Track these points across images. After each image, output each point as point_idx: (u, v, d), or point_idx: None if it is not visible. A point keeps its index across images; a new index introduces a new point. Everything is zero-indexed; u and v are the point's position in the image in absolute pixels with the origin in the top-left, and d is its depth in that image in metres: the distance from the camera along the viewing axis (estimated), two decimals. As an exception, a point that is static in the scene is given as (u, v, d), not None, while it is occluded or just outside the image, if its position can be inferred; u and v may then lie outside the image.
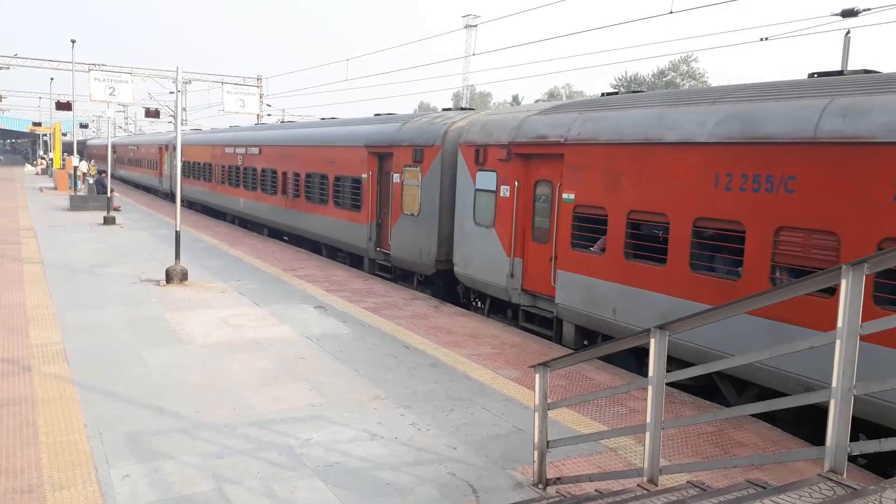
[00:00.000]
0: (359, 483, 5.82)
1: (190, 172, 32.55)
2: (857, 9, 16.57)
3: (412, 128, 14.74)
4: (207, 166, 29.92)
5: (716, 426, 7.33)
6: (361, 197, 16.52)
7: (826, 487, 3.49)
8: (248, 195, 24.69)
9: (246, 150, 24.77)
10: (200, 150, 31.26)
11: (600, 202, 9.73)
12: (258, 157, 23.58)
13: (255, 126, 28.70)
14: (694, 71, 79.52)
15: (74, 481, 5.65)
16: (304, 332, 10.71)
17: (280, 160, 21.71)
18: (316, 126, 21.00)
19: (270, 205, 22.58)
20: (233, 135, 27.91)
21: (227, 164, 26.98)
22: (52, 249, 17.93)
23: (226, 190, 27.38)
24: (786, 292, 3.95)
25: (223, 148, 27.67)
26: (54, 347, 9.40)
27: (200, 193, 31.32)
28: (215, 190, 28.83)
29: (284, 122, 25.69)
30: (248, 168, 24.54)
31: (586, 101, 11.26)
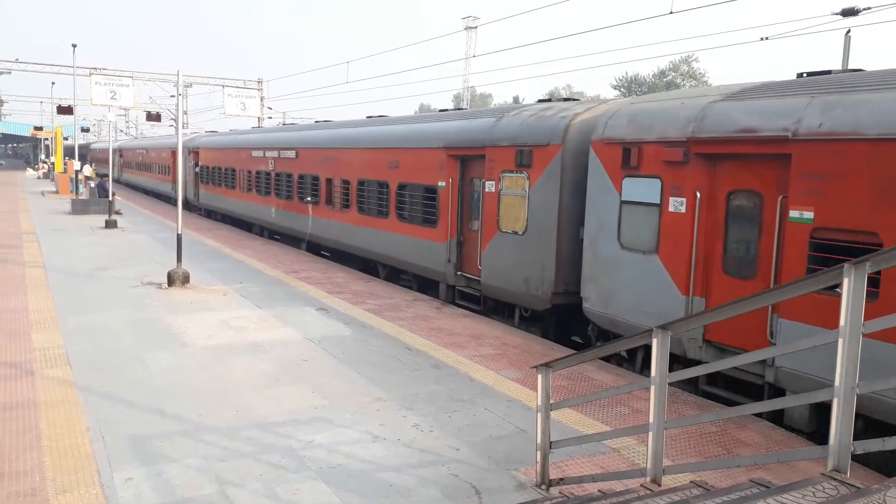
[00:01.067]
0: (361, 485, 5.81)
1: (209, 178, 29.36)
2: (857, 8, 16.57)
3: (513, 123, 11.75)
4: (230, 172, 26.56)
5: (719, 426, 7.32)
6: (437, 209, 13.50)
7: (830, 486, 3.48)
8: (283, 204, 21.64)
9: (279, 154, 21.77)
10: (222, 153, 27.99)
11: (867, 224, 6.78)
12: (294, 161, 20.70)
13: (288, 126, 25.28)
14: (695, 71, 79.54)
15: (77, 485, 5.65)
16: (306, 334, 10.71)
17: (323, 165, 18.76)
18: (370, 125, 17.63)
19: (311, 216, 19.47)
20: (261, 136, 24.74)
21: (254, 170, 23.88)
22: (53, 253, 17.95)
23: (253, 198, 24.14)
24: (790, 291, 3.94)
25: (250, 151, 24.42)
26: (56, 351, 9.40)
27: (222, 202, 27.98)
28: (241, 198, 25.49)
29: (324, 122, 21.86)
30: (281, 174, 21.63)
31: (814, 81, 8.05)
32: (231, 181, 26.58)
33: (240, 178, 25.61)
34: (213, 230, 25.22)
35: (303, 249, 20.57)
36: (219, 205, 28.59)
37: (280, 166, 21.78)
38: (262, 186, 23.39)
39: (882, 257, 3.46)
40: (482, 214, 12.33)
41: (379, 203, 15.90)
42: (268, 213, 22.97)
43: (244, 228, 25.91)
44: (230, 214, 27.28)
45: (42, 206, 32.56)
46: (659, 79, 79.26)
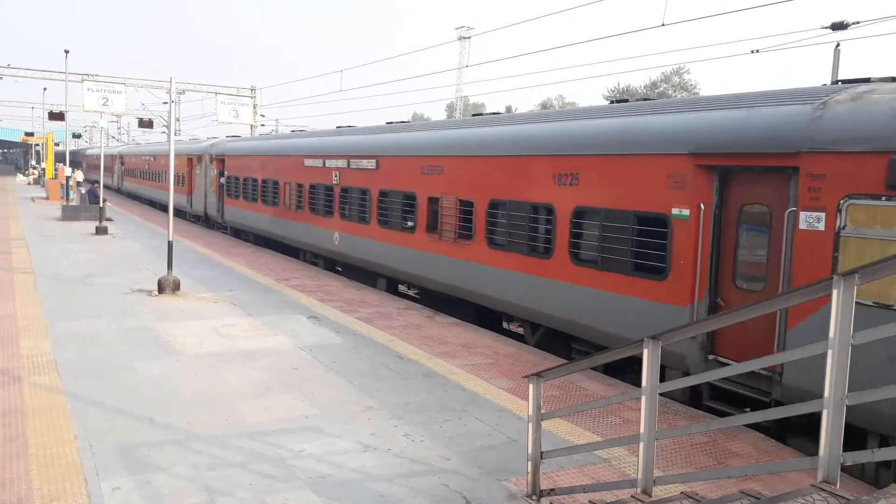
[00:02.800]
0: (351, 495, 5.78)
1: (239, 191, 24.50)
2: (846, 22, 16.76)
3: (873, 112, 6.91)
4: (270, 185, 21.80)
5: (709, 436, 7.33)
6: (668, 252, 8.76)
7: (819, 498, 3.49)
8: (354, 229, 16.74)
9: (348, 163, 16.93)
10: (258, 162, 23.01)
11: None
12: (374, 173, 15.77)
13: (357, 129, 19.46)
14: (686, 83, 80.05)
15: (64, 493, 5.59)
16: (297, 342, 10.67)
17: (426, 180, 13.77)
18: (503, 122, 12.76)
19: (403, 247, 14.66)
20: (317, 141, 19.73)
21: (308, 183, 19.12)
22: (43, 259, 17.84)
23: (306, 218, 19.32)
24: (778, 302, 3.96)
25: (301, 159, 19.61)
26: (45, 358, 9.33)
27: (257, 220, 23.00)
28: (287, 217, 20.67)
29: (404, 123, 17.31)
30: (351, 189, 16.86)
31: None
32: (271, 196, 21.74)
33: (285, 194, 20.73)
34: (204, 237, 25.02)
35: (382, 290, 15.89)
36: (252, 224, 23.58)
37: (350, 179, 16.92)
38: (319, 204, 18.51)
39: (871, 269, 3.48)
40: (789, 266, 7.46)
41: (537, 235, 10.98)
42: (327, 239, 18.00)
43: (288, 253, 21.34)
44: (268, 236, 22.45)
45: (32, 211, 32.38)
46: (651, 90, 79.73)
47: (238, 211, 24.85)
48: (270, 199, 21.87)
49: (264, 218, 22.45)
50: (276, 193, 21.40)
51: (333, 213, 17.70)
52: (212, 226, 28.83)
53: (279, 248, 22.04)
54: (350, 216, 16.98)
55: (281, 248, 21.95)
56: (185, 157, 31.95)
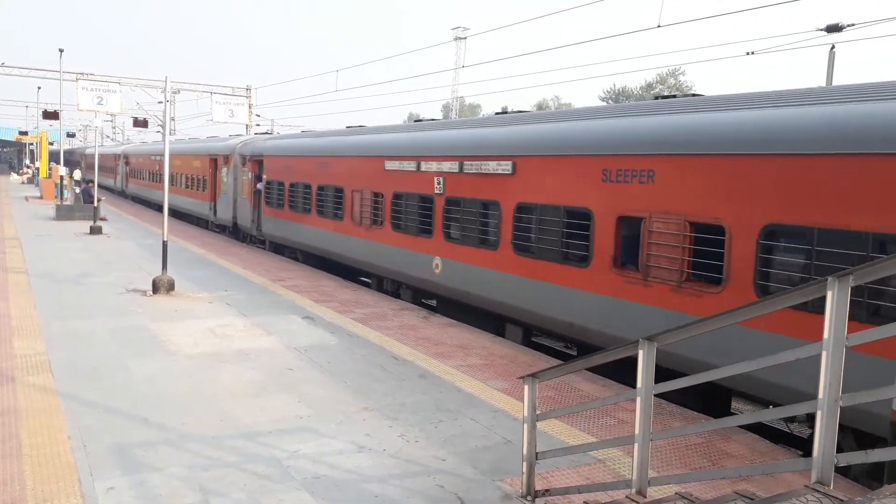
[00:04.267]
0: (346, 495, 5.78)
1: (282, 199, 20.46)
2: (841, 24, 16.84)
3: None
4: (330, 192, 17.59)
5: (704, 437, 7.35)
6: None
7: (813, 499, 3.50)
8: (468, 255, 12.40)
9: (459, 167, 12.65)
10: (311, 164, 18.85)
11: None
12: (508, 180, 11.39)
13: (467, 121, 15.59)
14: (681, 84, 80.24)
15: (58, 494, 5.57)
16: (292, 342, 10.65)
17: (614, 191, 9.38)
18: (712, 106, 8.83)
19: (562, 287, 10.25)
20: (405, 137, 15.13)
21: (390, 191, 14.82)
22: (37, 259, 17.77)
23: (387, 237, 15.00)
24: (772, 304, 3.98)
25: (379, 161, 15.26)
26: (39, 358, 9.30)
27: (309, 236, 18.86)
28: (356, 234, 16.26)
29: (584, 108, 12.46)
30: (464, 202, 12.50)
31: None
32: (332, 207, 17.52)
33: (354, 204, 16.30)
34: (199, 237, 24.89)
35: (515, 340, 11.66)
36: (302, 239, 19.41)
37: (463, 187, 12.59)
38: (409, 220, 14.23)
39: (864, 270, 3.50)
40: None
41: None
42: (421, 265, 13.72)
43: (351, 277, 17.60)
44: (326, 256, 18.21)
45: (26, 211, 32.27)
46: (646, 91, 79.91)
47: (281, 223, 20.50)
48: (331, 211, 17.51)
49: (322, 234, 18.02)
50: (340, 203, 17.01)
51: (433, 231, 13.37)
52: (243, 238, 24.41)
53: (340, 270, 17.85)
54: (462, 237, 12.60)
55: (343, 270, 17.81)
56: (206, 158, 27.84)
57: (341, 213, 16.97)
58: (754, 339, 7.27)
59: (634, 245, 9.07)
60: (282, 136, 23.14)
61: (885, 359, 6.27)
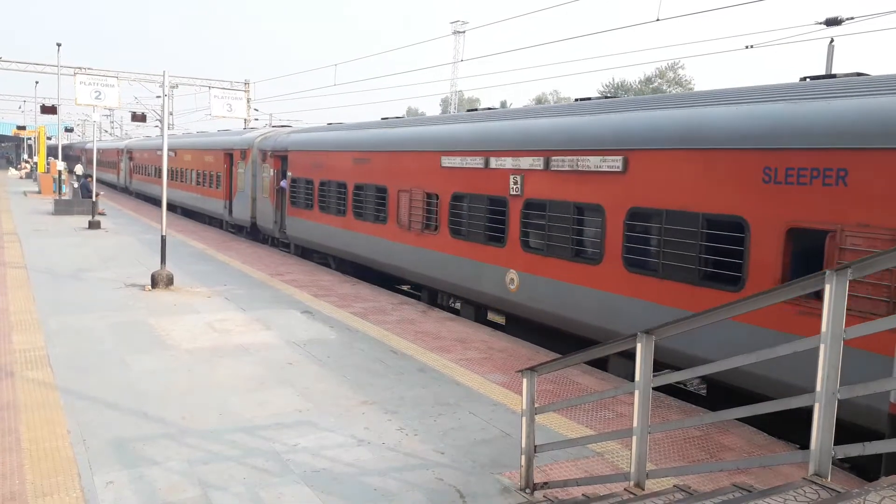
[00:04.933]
0: (345, 489, 5.79)
1: (310, 199, 18.49)
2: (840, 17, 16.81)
3: None
4: (371, 192, 15.48)
5: (702, 430, 7.37)
6: None
7: (811, 491, 3.51)
8: (556, 269, 10.30)
9: (545, 163, 10.41)
10: (346, 160, 16.66)
11: None
12: (617, 179, 9.33)
13: (538, 108, 13.87)
14: (680, 78, 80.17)
15: (57, 488, 5.58)
16: (291, 337, 10.66)
17: (784, 194, 7.43)
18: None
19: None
20: (467, 129, 12.79)
21: (449, 192, 12.69)
22: (35, 254, 17.76)
23: (445, 245, 12.86)
24: (769, 297, 3.98)
25: (434, 157, 13.10)
26: (37, 353, 9.30)
27: (344, 240, 16.82)
28: (404, 241, 14.17)
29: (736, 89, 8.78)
30: (551, 204, 10.34)
31: None
32: (373, 209, 15.43)
33: (401, 206, 14.25)
34: (198, 232, 24.82)
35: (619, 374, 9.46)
36: (336, 244, 17.36)
37: (549, 188, 10.38)
38: (473, 226, 12.13)
39: (863, 264, 3.50)
40: None
41: None
42: (492, 279, 11.56)
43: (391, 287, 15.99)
44: (365, 263, 16.15)
45: (24, 206, 32.22)
46: (645, 85, 79.82)
47: (310, 225, 18.59)
48: (371, 213, 15.50)
49: (359, 238, 16.01)
50: (383, 205, 14.98)
51: (506, 239, 11.30)
52: (263, 240, 22.83)
53: (382, 281, 15.94)
54: (547, 248, 10.44)
55: (383, 279, 16.01)
56: (220, 153, 25.82)
57: (384, 215, 14.97)
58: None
59: (812, 266, 7.05)
60: (308, 128, 20.81)
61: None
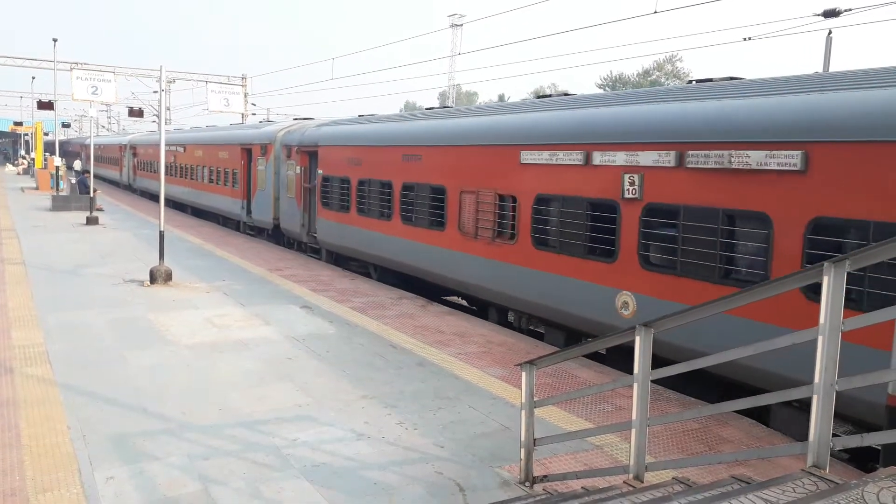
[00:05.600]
0: (345, 483, 5.81)
1: (346, 200, 16.32)
2: (838, 9, 16.77)
3: None
4: (424, 194, 13.35)
5: (700, 423, 7.39)
6: None
7: (809, 482, 3.52)
8: (688, 291, 8.13)
9: (678, 159, 8.31)
10: (390, 156, 14.54)
11: None
12: (795, 181, 7.09)
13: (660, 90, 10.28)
14: (678, 70, 80.00)
15: (58, 484, 5.59)
16: (291, 332, 10.66)
17: None
18: None
19: None
20: (565, 117, 10.45)
21: (530, 194, 10.67)
22: (33, 250, 17.74)
23: (522, 256, 10.87)
24: (767, 290, 3.98)
25: (511, 152, 11.01)
26: (37, 349, 9.30)
27: (390, 248, 14.55)
28: (467, 250, 12.15)
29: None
30: (691, 213, 8.14)
31: None
32: (427, 213, 13.24)
33: (465, 210, 12.14)
34: (196, 227, 24.76)
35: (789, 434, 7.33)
36: (377, 251, 15.19)
37: (683, 191, 8.32)
38: (572, 236, 9.91)
39: (860, 255, 3.50)
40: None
41: None
42: (601, 302, 9.38)
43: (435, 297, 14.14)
44: (414, 273, 13.99)
45: (22, 202, 32.16)
46: (643, 78, 79.67)
47: (345, 230, 16.45)
48: (424, 217, 13.34)
49: (409, 246, 13.85)
50: (440, 208, 12.84)
51: (617, 254, 9.09)
52: (288, 244, 20.85)
53: (430, 292, 14.11)
54: (681, 267, 8.25)
55: (435, 291, 14.20)
56: (237, 148, 23.73)
57: (441, 220, 12.83)
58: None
59: None
60: (342, 121, 18.61)
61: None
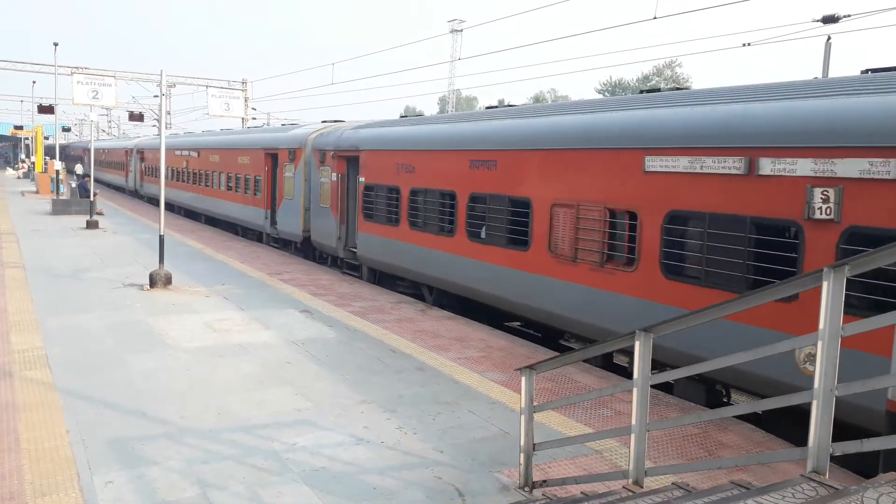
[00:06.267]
0: (345, 488, 5.80)
1: (395, 211, 14.33)
2: (837, 15, 16.80)
3: None
4: (496, 206, 11.48)
5: (700, 428, 7.38)
6: None
7: (809, 488, 3.52)
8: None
9: None
10: (452, 163, 12.58)
11: None
12: None
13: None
14: (678, 76, 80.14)
15: (56, 488, 5.58)
16: (290, 336, 10.66)
17: None
18: None
19: None
20: (719, 113, 8.03)
21: (660, 210, 8.49)
22: (33, 254, 17.73)
23: (647, 289, 8.67)
24: (765, 295, 3.98)
25: (632, 157, 8.86)
26: (36, 353, 9.29)
27: (450, 266, 12.66)
28: (559, 275, 10.13)
29: None
30: None
31: None
32: (506, 230, 11.17)
33: (560, 228, 10.11)
34: (196, 231, 24.75)
35: None
36: (438, 272, 13.06)
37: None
38: (728, 266, 7.73)
39: (860, 260, 3.51)
40: None
41: None
42: (782, 357, 5.96)
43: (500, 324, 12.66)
44: (489, 301, 11.92)
45: (22, 206, 32.17)
46: (643, 83, 79.81)
47: (394, 245, 14.37)
48: (500, 235, 11.25)
49: (477, 267, 11.85)
50: (523, 225, 10.74)
51: (796, 295, 6.84)
52: (319, 258, 19.01)
53: (489, 316, 12.47)
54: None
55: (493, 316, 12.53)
56: (260, 153, 21.60)
57: (523, 238, 10.74)
58: None
59: None
60: (386, 122, 16.59)
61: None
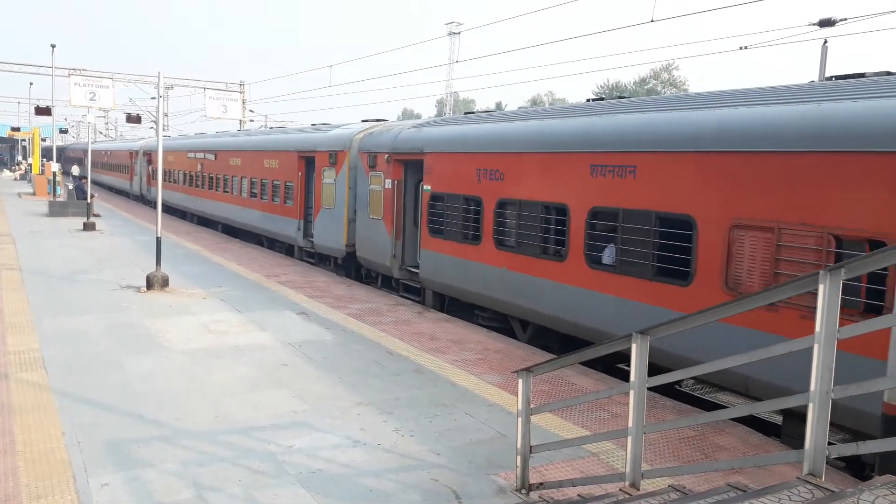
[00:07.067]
0: (341, 490, 5.79)
1: (474, 226, 11.99)
2: (833, 19, 16.87)
3: None
4: (627, 224, 8.92)
5: (697, 430, 7.38)
6: None
7: (805, 490, 3.52)
8: None
9: None
10: (561, 169, 10.07)
11: None
12: None
13: None
14: (675, 79, 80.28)
15: (52, 490, 5.57)
16: (287, 338, 10.64)
17: None
18: None
19: None
20: None
21: None
22: (30, 255, 17.70)
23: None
24: (764, 298, 3.99)
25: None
26: (32, 354, 9.27)
27: (555, 298, 10.15)
28: (743, 322, 7.11)
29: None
30: None
31: None
32: (651, 256, 8.66)
33: (736, 255, 7.52)
34: (193, 233, 24.69)
35: None
36: (538, 304, 10.58)
37: None
38: None
39: (857, 263, 3.51)
40: None
41: None
42: None
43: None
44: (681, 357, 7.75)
45: (18, 207, 32.09)
46: (640, 86, 79.92)
47: (472, 268, 12.04)
48: (644, 263, 8.78)
49: (604, 302, 9.41)
50: (685, 252, 8.22)
51: None
52: (363, 277, 16.68)
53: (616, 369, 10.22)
54: None
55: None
56: (292, 155, 19.25)
57: (684, 269, 8.27)
58: None
59: None
60: (460, 118, 14.05)
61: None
